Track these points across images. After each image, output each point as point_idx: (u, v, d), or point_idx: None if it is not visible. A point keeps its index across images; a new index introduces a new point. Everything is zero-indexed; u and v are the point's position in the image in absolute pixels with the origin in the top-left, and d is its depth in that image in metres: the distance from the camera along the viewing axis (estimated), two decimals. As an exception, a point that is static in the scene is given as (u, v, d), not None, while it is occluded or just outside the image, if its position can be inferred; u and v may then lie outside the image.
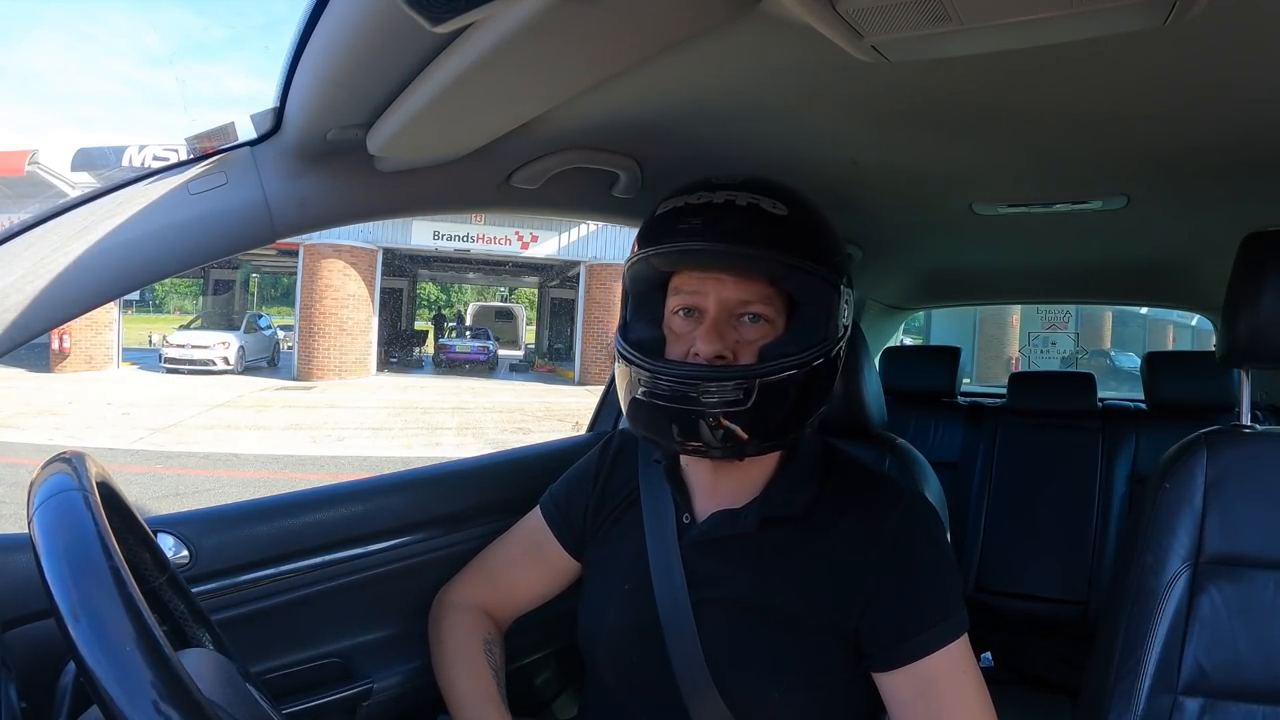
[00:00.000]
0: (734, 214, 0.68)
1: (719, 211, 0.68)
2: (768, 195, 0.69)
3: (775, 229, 0.68)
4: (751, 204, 0.68)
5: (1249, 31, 0.56)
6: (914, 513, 0.76)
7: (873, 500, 0.76)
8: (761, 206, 0.68)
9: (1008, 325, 11.99)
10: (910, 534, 0.74)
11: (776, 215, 0.68)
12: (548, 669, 1.19)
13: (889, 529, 0.74)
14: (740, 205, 0.68)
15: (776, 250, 0.67)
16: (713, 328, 0.69)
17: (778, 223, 0.68)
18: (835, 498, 0.77)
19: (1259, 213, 1.01)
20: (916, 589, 0.72)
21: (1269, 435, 0.92)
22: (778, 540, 0.75)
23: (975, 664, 0.73)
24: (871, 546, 0.73)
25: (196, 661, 0.58)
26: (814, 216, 0.72)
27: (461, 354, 15.83)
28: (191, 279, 21.77)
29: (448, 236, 13.51)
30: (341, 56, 0.60)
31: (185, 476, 5.98)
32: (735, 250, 0.68)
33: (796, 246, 0.68)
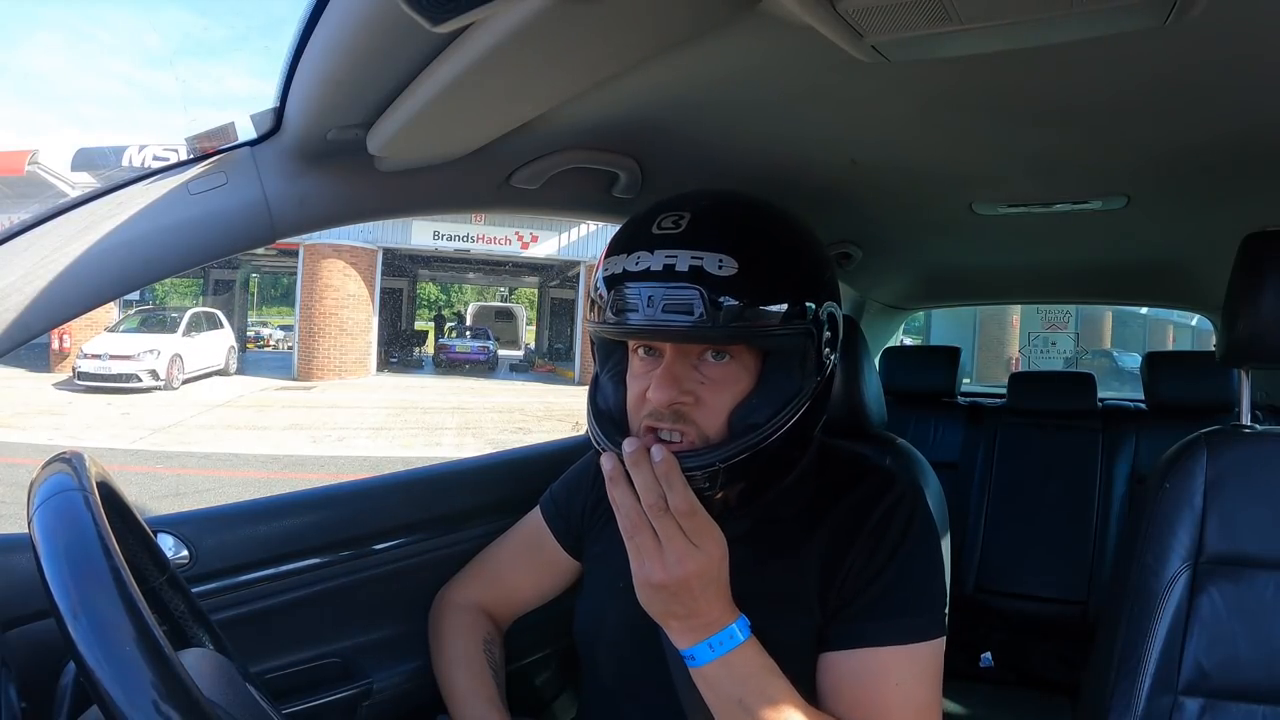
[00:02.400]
0: (673, 281, 0.61)
1: (657, 280, 0.62)
2: (714, 248, 0.62)
3: (722, 294, 0.61)
4: (694, 267, 0.61)
5: (1249, 31, 0.56)
6: (904, 502, 0.74)
7: (865, 490, 0.75)
8: (705, 269, 0.61)
9: (1008, 325, 11.98)
10: (895, 521, 0.72)
11: (723, 278, 0.61)
12: (548, 669, 1.19)
13: (876, 514, 0.72)
14: (680, 270, 0.61)
15: (728, 320, 0.61)
16: (666, 374, 0.64)
17: (724, 286, 0.61)
18: (828, 492, 0.76)
19: (1259, 213, 1.01)
20: (889, 575, 0.69)
21: (1269, 435, 0.92)
22: (772, 539, 0.75)
23: (934, 683, 0.68)
24: (857, 532, 0.72)
25: (196, 661, 0.58)
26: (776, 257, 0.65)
27: (461, 354, 15.82)
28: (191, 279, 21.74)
29: (448, 236, 13.51)
30: (341, 56, 0.60)
31: (185, 476, 5.98)
32: (684, 329, 0.62)
33: (750, 308, 0.62)
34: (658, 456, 0.60)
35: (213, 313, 13.43)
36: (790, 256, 0.66)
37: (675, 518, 0.60)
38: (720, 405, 0.66)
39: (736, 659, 0.63)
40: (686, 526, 0.60)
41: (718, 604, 0.63)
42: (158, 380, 10.68)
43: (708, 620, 0.63)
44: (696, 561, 0.60)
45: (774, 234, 0.67)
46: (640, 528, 0.61)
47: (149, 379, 10.56)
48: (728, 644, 0.63)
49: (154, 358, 10.71)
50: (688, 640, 0.63)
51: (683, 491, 0.60)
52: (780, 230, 0.68)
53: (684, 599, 0.61)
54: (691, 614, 0.62)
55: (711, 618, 0.63)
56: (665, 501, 0.60)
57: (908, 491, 0.75)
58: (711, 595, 0.63)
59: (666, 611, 0.63)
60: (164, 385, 10.80)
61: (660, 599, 0.62)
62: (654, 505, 0.60)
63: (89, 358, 10.38)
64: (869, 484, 0.76)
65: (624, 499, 0.61)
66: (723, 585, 0.64)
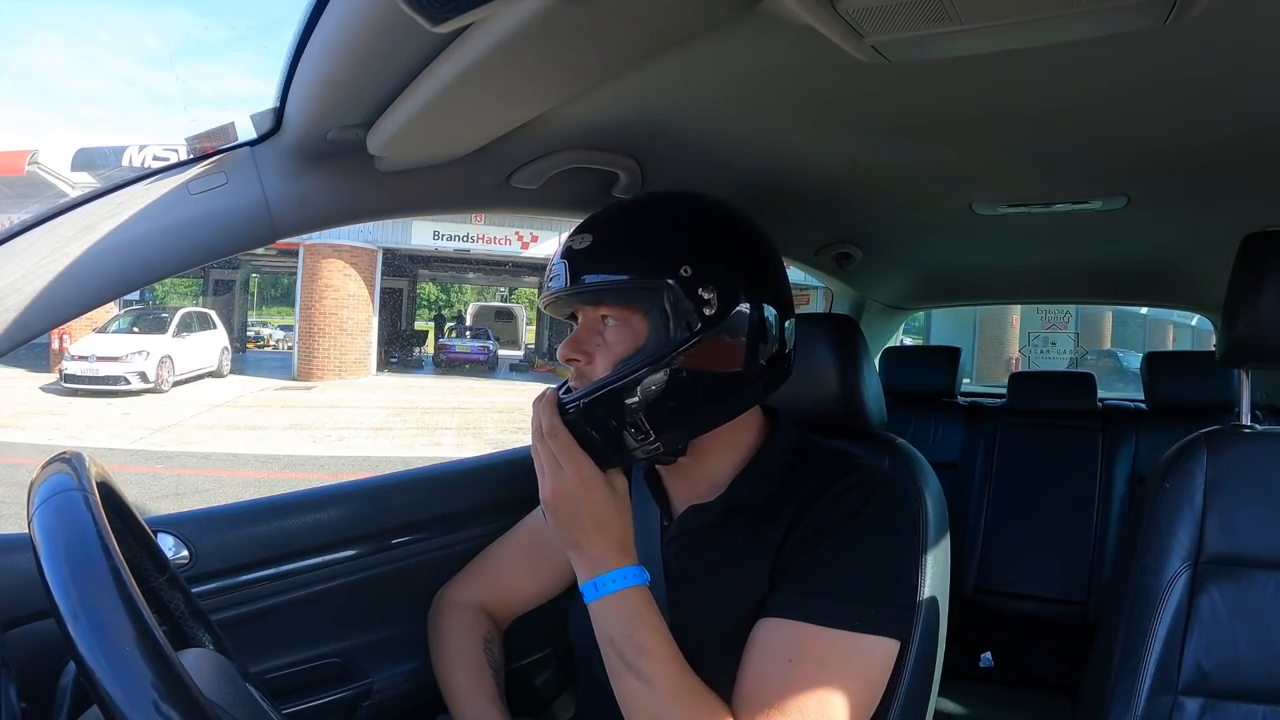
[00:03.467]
0: (561, 259, 0.75)
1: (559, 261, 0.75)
2: (580, 231, 0.75)
3: (580, 264, 0.73)
4: (567, 247, 0.75)
5: (1249, 31, 0.56)
6: (861, 488, 0.73)
7: (828, 473, 0.75)
8: (573, 247, 0.74)
9: (1008, 325, 11.99)
10: (846, 504, 0.71)
11: (580, 250, 0.73)
12: (548, 669, 1.19)
13: (828, 496, 0.72)
14: (561, 252, 0.75)
15: (580, 282, 0.72)
16: (571, 337, 0.76)
17: (581, 257, 0.73)
18: (800, 482, 0.75)
19: (1259, 213, 1.01)
20: (820, 553, 0.69)
21: (1269, 435, 0.92)
22: (742, 530, 0.75)
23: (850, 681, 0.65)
24: (811, 509, 0.72)
25: (196, 661, 0.58)
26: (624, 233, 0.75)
27: (461, 354, 15.81)
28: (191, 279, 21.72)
29: (448, 236, 13.50)
30: (341, 56, 0.60)
31: (185, 476, 5.98)
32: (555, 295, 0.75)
33: (599, 270, 0.73)
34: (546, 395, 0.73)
35: (205, 313, 13.15)
36: (645, 231, 0.75)
37: (546, 440, 0.70)
38: (606, 361, 0.73)
39: (617, 601, 0.68)
40: (552, 446, 0.70)
41: (605, 541, 0.70)
42: (146, 383, 10.34)
43: (597, 556, 0.69)
44: (559, 480, 0.69)
45: (639, 216, 0.77)
46: (534, 453, 0.72)
47: (138, 381, 10.22)
48: (610, 586, 0.69)
49: (143, 359, 10.36)
50: (583, 575, 0.70)
51: (550, 418, 0.71)
52: (653, 214, 0.76)
53: (563, 521, 0.70)
54: (578, 543, 0.70)
55: (600, 554, 0.69)
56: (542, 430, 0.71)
57: (869, 481, 0.74)
58: (593, 526, 0.69)
59: (565, 538, 0.71)
60: (153, 388, 10.43)
61: (553, 525, 0.71)
62: (535, 432, 0.72)
63: (75, 359, 10.04)
64: (835, 469, 0.75)
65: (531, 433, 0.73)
66: (606, 522, 0.70)
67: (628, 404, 0.69)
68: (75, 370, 10.02)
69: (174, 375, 11.05)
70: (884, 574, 0.70)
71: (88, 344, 10.26)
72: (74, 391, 9.92)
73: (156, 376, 10.52)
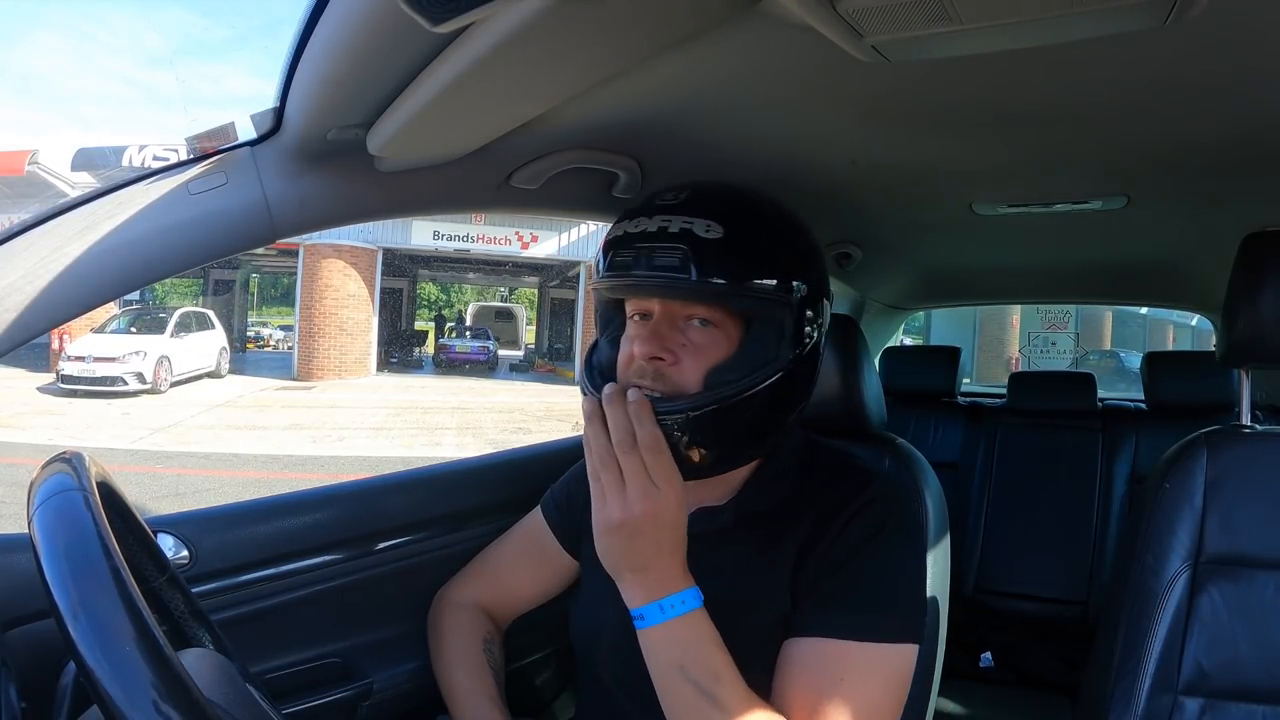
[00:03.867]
0: (665, 241, 0.66)
1: (651, 240, 0.67)
2: (704, 216, 0.67)
3: (707, 255, 0.66)
4: (684, 229, 0.66)
5: (1249, 31, 0.56)
6: (880, 501, 0.73)
7: (845, 485, 0.75)
8: (694, 231, 0.66)
9: (1008, 325, 11.98)
10: (869, 518, 0.72)
11: (709, 240, 0.66)
12: (548, 669, 1.19)
13: (849, 510, 0.72)
14: (672, 232, 0.66)
15: (708, 277, 0.66)
16: (652, 331, 0.69)
17: (710, 248, 0.66)
18: (812, 489, 0.76)
19: (1259, 213, 1.01)
20: (851, 570, 0.69)
21: (1269, 435, 0.92)
22: (755, 536, 0.75)
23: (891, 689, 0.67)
24: (831, 526, 0.72)
25: (196, 661, 0.58)
26: (759, 233, 0.69)
27: (461, 354, 15.82)
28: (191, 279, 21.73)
29: (448, 236, 13.50)
30: (341, 56, 0.60)
31: (185, 476, 5.98)
32: (665, 283, 0.67)
33: (731, 270, 0.66)
34: (633, 398, 0.63)
35: (203, 313, 13.08)
36: (776, 235, 0.71)
37: (641, 454, 0.62)
38: (697, 367, 0.68)
39: (685, 624, 0.64)
40: (650, 463, 0.62)
41: (673, 563, 0.64)
42: (144, 383, 10.25)
43: (661, 578, 0.64)
44: (654, 500, 0.62)
45: (763, 213, 0.71)
46: (607, 465, 0.63)
47: (135, 382, 10.13)
48: (679, 608, 0.64)
49: (140, 360, 10.26)
50: (640, 598, 0.64)
51: (651, 428, 0.63)
52: (771, 212, 0.72)
53: (639, 545, 0.63)
54: (646, 566, 0.64)
55: (665, 575, 0.64)
56: (634, 439, 0.62)
57: (888, 493, 0.75)
58: (666, 549, 0.64)
59: (623, 561, 0.64)
60: (151, 389, 10.34)
61: (617, 543, 0.63)
62: (622, 441, 0.62)
63: (72, 360, 9.94)
64: (851, 481, 0.75)
65: (597, 437, 0.64)
66: (678, 544, 0.65)
67: (731, 419, 0.66)
68: (72, 371, 9.95)
69: (172, 376, 10.97)
70: (909, 582, 0.72)
71: (85, 344, 10.16)
72: (71, 392, 9.85)
73: (154, 377, 10.46)
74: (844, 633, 0.67)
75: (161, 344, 10.88)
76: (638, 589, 0.65)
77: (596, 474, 0.64)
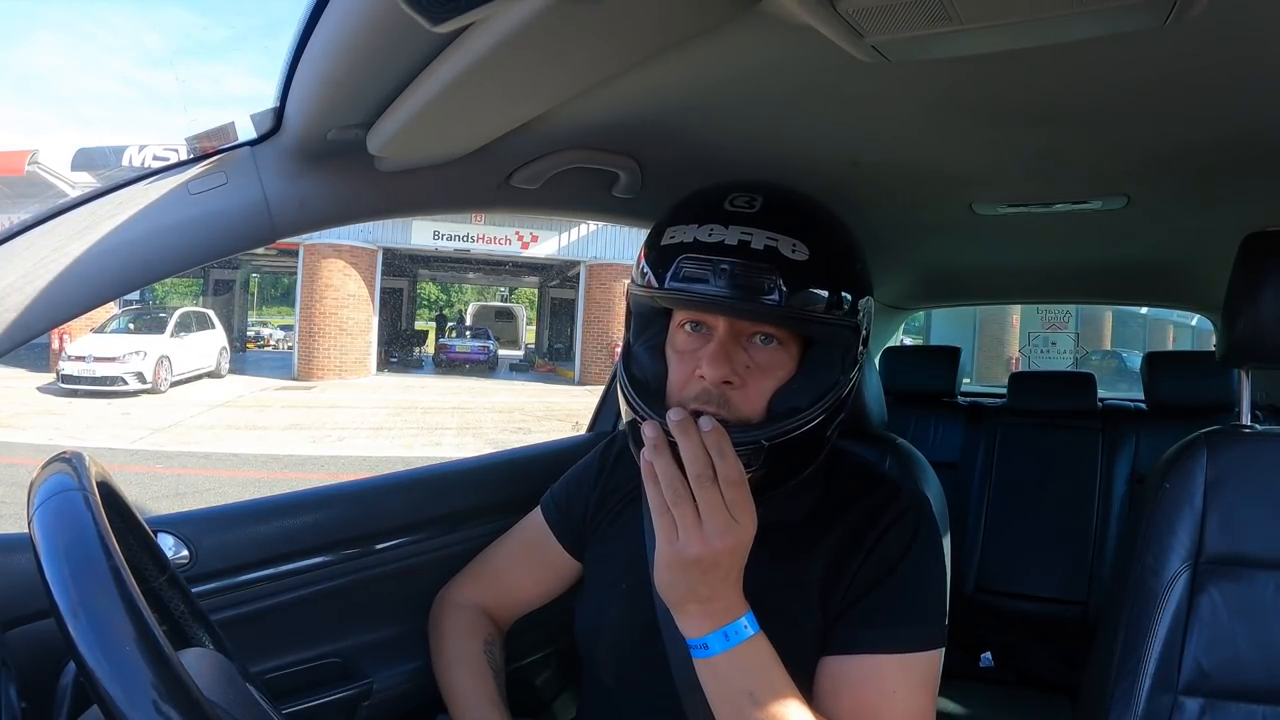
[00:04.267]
0: (748, 259, 0.62)
1: (731, 255, 0.63)
2: (788, 232, 0.63)
3: (793, 278, 0.63)
4: (769, 247, 0.62)
5: (1249, 31, 0.56)
6: (910, 514, 0.74)
7: (872, 500, 0.76)
8: (780, 251, 0.62)
9: (1008, 325, 11.98)
10: (902, 532, 0.73)
11: (796, 262, 0.63)
12: (548, 669, 1.19)
13: (881, 524, 0.73)
14: (756, 249, 0.62)
15: (794, 303, 0.63)
16: (720, 351, 0.65)
17: (797, 270, 0.63)
18: (837, 500, 0.76)
19: (1259, 213, 1.01)
20: (890, 585, 0.70)
21: (1269, 435, 0.92)
22: (778, 543, 0.75)
23: (930, 692, 0.69)
24: (863, 541, 0.72)
25: (196, 661, 0.58)
26: (839, 251, 0.67)
27: (461, 354, 15.82)
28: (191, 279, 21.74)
29: (448, 236, 13.51)
30: (341, 56, 0.60)
31: (185, 476, 5.98)
32: (747, 305, 0.63)
33: (816, 296, 0.64)
34: (707, 426, 0.59)
35: (204, 312, 13.08)
36: (851, 251, 0.70)
37: (721, 488, 0.58)
38: (763, 390, 0.66)
39: (749, 650, 0.62)
40: (730, 498, 0.59)
41: (736, 590, 0.62)
42: (144, 383, 10.23)
43: (725, 606, 0.61)
44: (735, 535, 0.59)
45: (837, 228, 0.70)
46: (682, 498, 0.59)
47: (135, 382, 10.11)
48: (742, 634, 0.62)
49: (140, 359, 10.24)
50: (703, 627, 0.61)
51: (734, 461, 0.59)
52: (841, 226, 0.72)
53: (713, 578, 0.60)
54: (713, 597, 0.61)
55: (730, 604, 0.62)
56: (713, 471, 0.58)
57: (915, 504, 0.76)
58: (735, 578, 0.61)
59: (690, 593, 0.61)
60: (151, 388, 10.32)
61: (688, 577, 0.60)
62: (701, 475, 0.58)
63: (72, 360, 9.91)
64: (878, 494, 0.76)
65: (667, 468, 0.59)
66: (741, 571, 0.62)
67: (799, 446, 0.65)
68: (72, 370, 9.93)
69: (171, 376, 10.96)
70: (939, 590, 0.73)
71: (85, 344, 10.14)
72: (71, 392, 9.83)
73: (154, 377, 10.46)
74: (887, 648, 0.68)
75: (161, 344, 10.89)
76: (702, 619, 0.62)
77: (666, 507, 0.59)
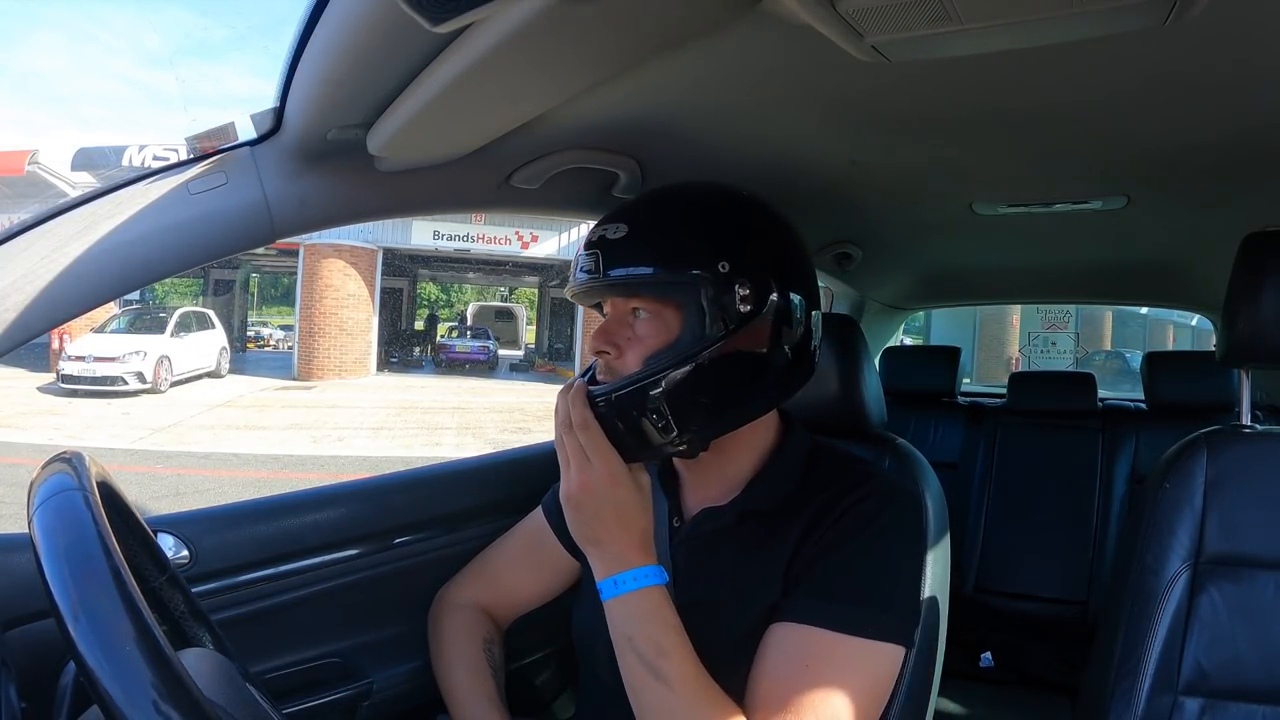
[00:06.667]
0: (590, 250, 0.73)
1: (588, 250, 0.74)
2: (616, 219, 0.73)
3: (614, 254, 0.71)
4: (599, 236, 0.73)
5: (1249, 31, 0.56)
6: (876, 497, 0.73)
7: (843, 480, 0.75)
8: (606, 236, 0.72)
9: (1008, 325, 11.98)
10: (861, 511, 0.72)
11: (614, 240, 0.72)
12: (548, 669, 1.19)
13: (844, 504, 0.72)
14: (593, 240, 0.73)
15: (615, 273, 0.71)
16: (600, 329, 0.75)
17: (616, 247, 0.72)
18: (812, 487, 0.76)
19: (1259, 213, 1.01)
20: (835, 560, 0.70)
21: (1269, 435, 0.92)
22: (754, 534, 0.75)
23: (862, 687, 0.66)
24: (827, 516, 0.72)
25: (196, 661, 0.58)
26: (663, 223, 0.73)
27: (461, 354, 15.82)
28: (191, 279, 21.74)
29: (448, 236, 13.51)
30: (341, 56, 0.60)
31: (185, 476, 5.98)
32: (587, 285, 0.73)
33: (636, 262, 0.71)
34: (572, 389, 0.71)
35: (204, 312, 13.07)
36: (684, 222, 0.73)
37: (575, 433, 0.69)
38: (637, 356, 0.72)
39: (636, 600, 0.68)
40: (583, 440, 0.69)
41: (626, 539, 0.69)
42: (144, 383, 10.23)
43: (616, 553, 0.69)
44: (587, 473, 0.68)
45: (673, 204, 0.75)
46: (559, 446, 0.71)
47: (135, 382, 10.10)
48: (630, 584, 0.68)
49: (140, 359, 10.23)
50: (600, 571, 0.69)
51: (580, 410, 0.69)
52: (686, 202, 0.75)
53: (585, 517, 0.69)
54: (598, 539, 0.69)
55: (619, 551, 0.69)
56: (569, 421, 0.69)
57: (891, 490, 0.75)
58: (614, 523, 0.69)
59: (581, 534, 0.70)
60: (151, 388, 10.31)
61: (573, 518, 0.70)
62: (561, 424, 0.70)
63: (72, 360, 9.90)
64: (850, 477, 0.76)
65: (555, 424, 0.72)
66: (628, 521, 0.69)
67: (659, 399, 0.68)
68: (72, 370, 9.90)
69: (171, 376, 10.93)
70: (896, 582, 0.71)
71: (85, 344, 10.12)
72: (71, 392, 9.79)
73: (154, 377, 10.42)
74: (821, 621, 0.67)
75: (161, 344, 10.85)
76: (598, 563, 0.70)
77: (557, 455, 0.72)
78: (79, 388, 9.86)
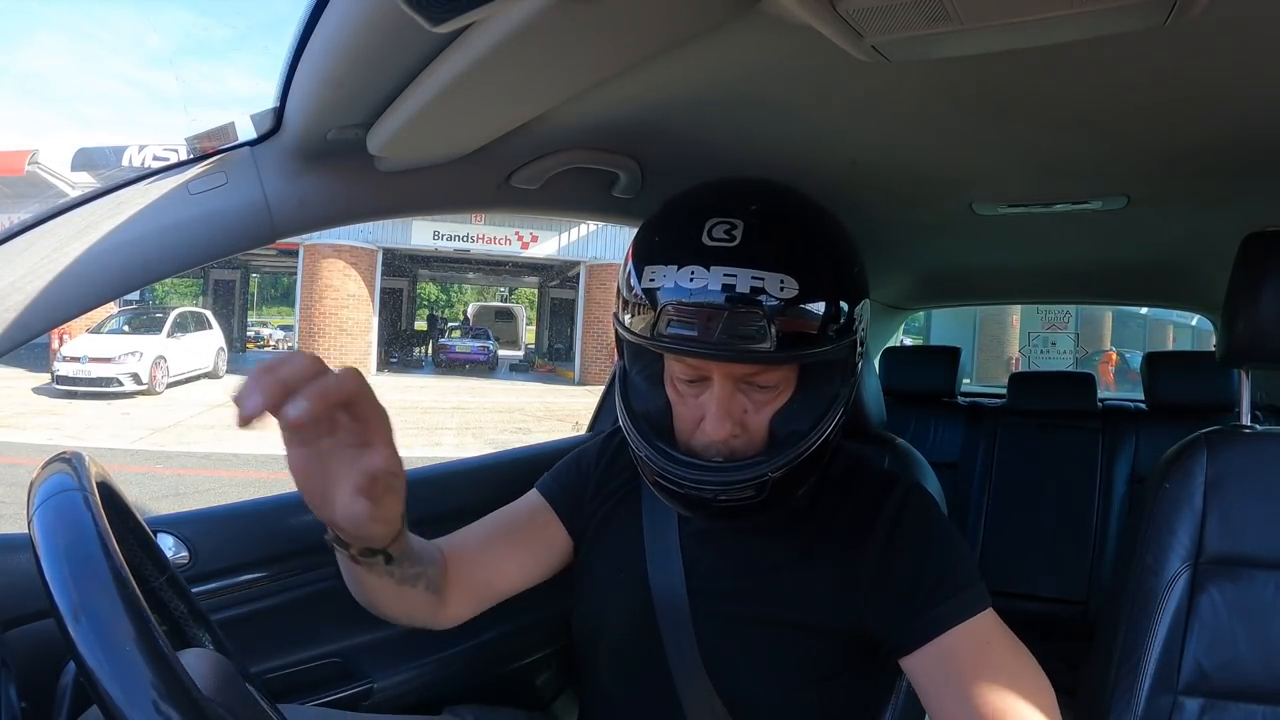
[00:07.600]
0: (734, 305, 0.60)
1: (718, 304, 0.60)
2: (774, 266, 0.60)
3: (784, 317, 0.60)
4: (755, 288, 0.59)
5: (1249, 31, 0.56)
6: (907, 499, 0.75)
7: (868, 492, 0.76)
8: (767, 290, 0.59)
9: (1008, 325, 11.97)
10: (905, 519, 0.73)
11: (786, 301, 0.60)
12: (548, 669, 1.19)
13: (884, 518, 0.73)
14: (742, 293, 0.59)
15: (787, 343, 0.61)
16: (720, 410, 0.65)
17: (789, 310, 0.60)
18: (833, 493, 0.76)
19: (1259, 213, 1.01)
20: (918, 569, 0.70)
21: (1269, 435, 0.92)
22: (776, 536, 0.75)
23: (1010, 635, 0.68)
24: (869, 539, 0.72)
25: (196, 661, 0.57)
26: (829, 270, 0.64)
27: (461, 354, 15.82)
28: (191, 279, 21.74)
29: (448, 236, 13.51)
30: (341, 56, 0.60)
31: (185, 476, 5.97)
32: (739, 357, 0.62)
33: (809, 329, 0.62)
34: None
35: (201, 313, 12.92)
36: (841, 264, 0.67)
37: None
38: (764, 421, 0.68)
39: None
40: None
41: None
42: (140, 384, 10.06)
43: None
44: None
45: (826, 241, 0.67)
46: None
47: (130, 383, 9.95)
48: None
49: (136, 360, 10.06)
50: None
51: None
52: (830, 234, 0.68)
53: None
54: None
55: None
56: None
57: (911, 488, 0.77)
58: None
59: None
60: (147, 389, 10.14)
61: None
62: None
63: (67, 360, 9.71)
64: (871, 485, 0.76)
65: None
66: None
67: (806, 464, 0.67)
68: (67, 371, 9.75)
69: (168, 376, 10.80)
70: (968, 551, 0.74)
71: (80, 345, 9.95)
72: (66, 394, 9.65)
73: (150, 378, 10.29)
74: (948, 622, 0.67)
75: (158, 344, 10.73)
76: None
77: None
78: (74, 389, 9.72)
